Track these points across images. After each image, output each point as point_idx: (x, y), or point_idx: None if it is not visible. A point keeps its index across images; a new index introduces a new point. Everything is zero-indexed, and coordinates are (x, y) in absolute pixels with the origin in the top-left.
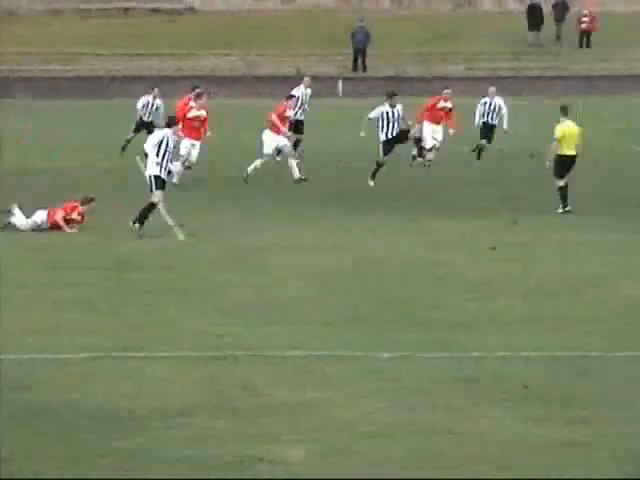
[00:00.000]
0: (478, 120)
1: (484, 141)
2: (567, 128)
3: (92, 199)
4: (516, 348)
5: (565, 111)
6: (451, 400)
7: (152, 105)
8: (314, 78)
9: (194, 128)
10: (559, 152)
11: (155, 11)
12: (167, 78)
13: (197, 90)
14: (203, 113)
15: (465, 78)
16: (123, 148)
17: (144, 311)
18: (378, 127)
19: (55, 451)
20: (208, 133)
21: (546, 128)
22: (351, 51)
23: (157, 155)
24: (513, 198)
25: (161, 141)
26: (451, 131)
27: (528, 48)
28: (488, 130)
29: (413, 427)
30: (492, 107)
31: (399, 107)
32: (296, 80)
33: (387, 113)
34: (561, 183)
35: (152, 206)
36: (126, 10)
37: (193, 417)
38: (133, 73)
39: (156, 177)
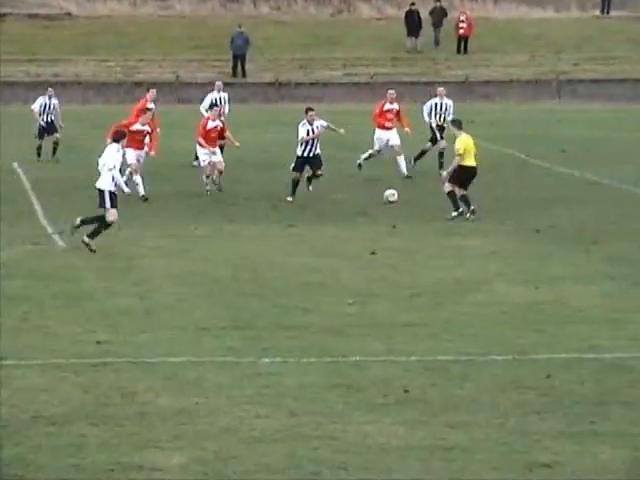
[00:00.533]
0: (428, 120)
1: (443, 142)
2: (466, 141)
3: None
4: (396, 353)
5: (460, 125)
6: (332, 405)
7: (49, 106)
8: (193, 84)
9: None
10: (462, 164)
11: (32, 16)
12: (44, 84)
13: (152, 91)
14: (147, 128)
15: (344, 84)
16: (39, 154)
17: (22, 319)
18: (299, 143)
19: None
20: (152, 152)
21: (420, 132)
22: (230, 57)
23: (111, 170)
24: (394, 203)
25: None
26: (407, 130)
27: (406, 54)
28: (440, 132)
29: (295, 432)
30: (443, 108)
31: (318, 123)
32: (175, 85)
33: (308, 131)
34: (450, 188)
35: (108, 225)
36: (2, 15)
37: (72, 424)
38: (9, 79)
39: (112, 193)
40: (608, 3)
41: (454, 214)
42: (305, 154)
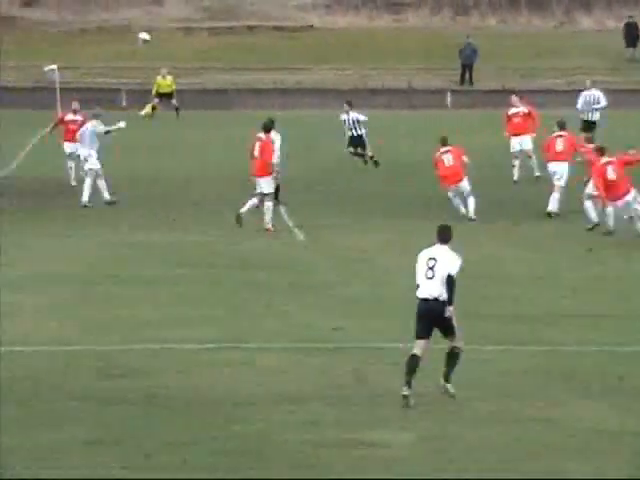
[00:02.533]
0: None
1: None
2: None
3: None
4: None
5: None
6: (551, 391)
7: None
8: (424, 92)
9: None
10: None
11: (278, 29)
12: (288, 91)
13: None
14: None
15: (567, 91)
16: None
17: (263, 306)
18: None
19: (176, 433)
20: None
21: None
22: (458, 66)
23: None
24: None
25: None
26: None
27: (625, 63)
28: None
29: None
30: (593, 99)
31: None
32: (407, 93)
33: None
34: None
35: None
36: (251, 28)
37: (308, 404)
38: (255, 86)
39: None
40: None
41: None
42: None
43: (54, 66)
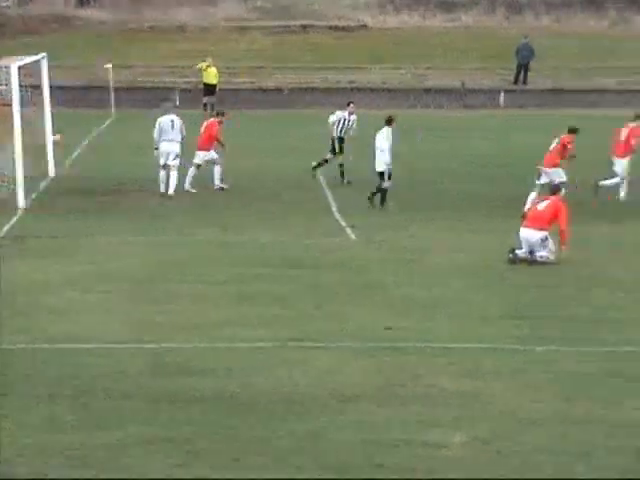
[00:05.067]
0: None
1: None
2: None
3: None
4: None
5: None
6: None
7: (347, 121)
8: (477, 91)
9: None
10: None
11: (332, 28)
12: (341, 90)
13: None
14: None
15: (620, 91)
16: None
17: (316, 306)
18: None
19: (229, 432)
20: None
21: None
22: (512, 65)
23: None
24: None
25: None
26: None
27: None
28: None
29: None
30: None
31: None
32: (461, 93)
33: None
34: None
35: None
36: (305, 27)
37: (360, 403)
38: (309, 85)
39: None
40: None
41: None
42: None
43: (109, 65)
